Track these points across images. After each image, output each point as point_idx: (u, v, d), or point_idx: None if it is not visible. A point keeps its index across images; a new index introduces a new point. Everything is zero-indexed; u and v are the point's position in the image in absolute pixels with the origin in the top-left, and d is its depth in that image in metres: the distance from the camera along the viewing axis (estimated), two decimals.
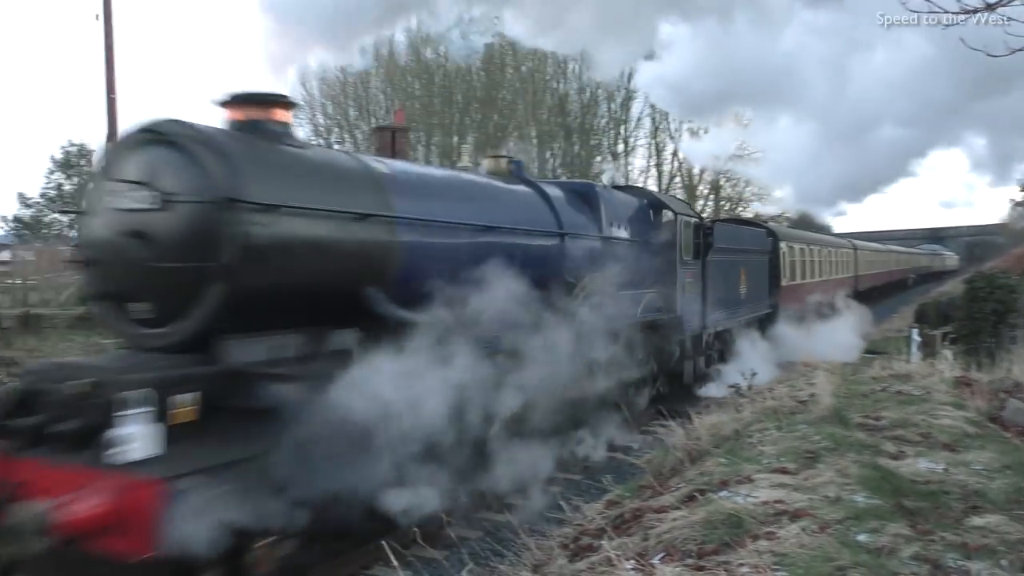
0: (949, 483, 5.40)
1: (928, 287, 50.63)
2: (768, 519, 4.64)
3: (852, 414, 7.71)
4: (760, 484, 5.44)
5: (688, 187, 44.65)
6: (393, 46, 47.67)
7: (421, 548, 6.22)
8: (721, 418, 8.38)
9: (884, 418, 7.53)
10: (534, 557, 5.69)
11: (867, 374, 10.84)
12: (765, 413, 8.21)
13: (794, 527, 4.42)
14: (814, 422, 7.34)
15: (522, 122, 43.98)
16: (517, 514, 7.44)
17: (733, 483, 5.56)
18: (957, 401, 8.25)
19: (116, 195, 6.14)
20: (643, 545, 4.73)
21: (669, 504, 5.41)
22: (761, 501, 4.99)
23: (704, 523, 4.65)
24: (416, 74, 46.57)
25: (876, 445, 6.45)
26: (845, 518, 4.59)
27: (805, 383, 10.09)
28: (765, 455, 6.38)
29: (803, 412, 7.99)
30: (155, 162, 6.04)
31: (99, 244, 6.31)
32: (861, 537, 4.31)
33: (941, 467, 5.84)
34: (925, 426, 7.15)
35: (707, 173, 45.28)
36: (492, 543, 7.68)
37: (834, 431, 6.84)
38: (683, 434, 7.95)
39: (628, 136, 45.48)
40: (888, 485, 5.25)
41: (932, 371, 10.33)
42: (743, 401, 9.65)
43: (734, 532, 4.47)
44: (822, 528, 4.41)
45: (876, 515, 4.64)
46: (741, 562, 3.99)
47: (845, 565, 3.86)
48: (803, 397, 8.86)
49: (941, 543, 4.25)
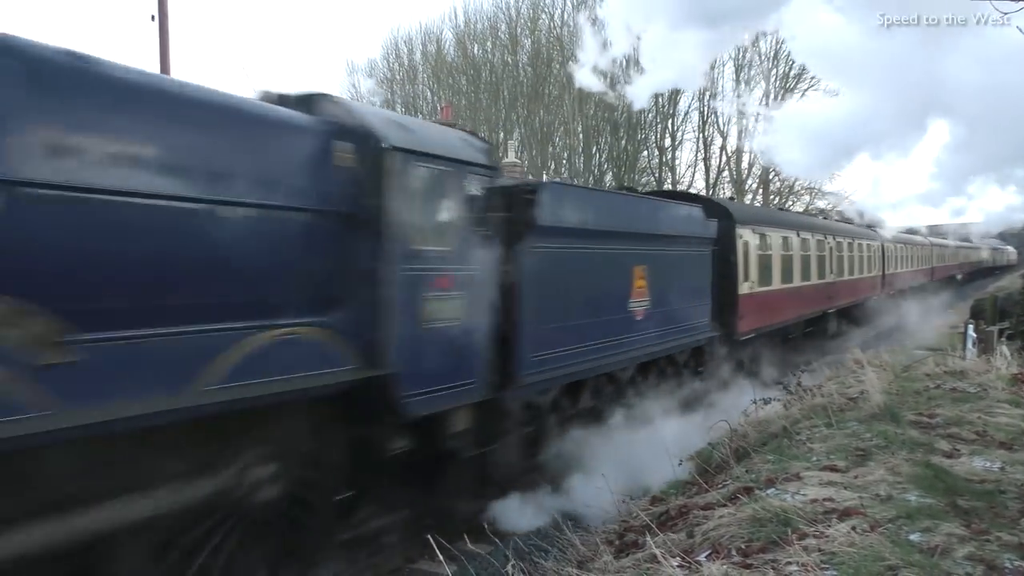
0: (1005, 482, 5.26)
1: (983, 283, 48.17)
2: (817, 517, 4.57)
3: (904, 411, 7.55)
4: (809, 482, 5.36)
5: (736, 181, 44.17)
6: (440, 43, 48.04)
7: (465, 543, 6.24)
8: (769, 415, 8.28)
9: (938, 416, 7.36)
10: (579, 553, 5.69)
11: (920, 371, 10.62)
12: (814, 410, 8.09)
13: (843, 526, 4.34)
14: (865, 419, 7.22)
15: (568, 117, 43.87)
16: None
17: (781, 481, 5.49)
18: (1014, 399, 8.04)
19: None
20: (689, 542, 4.69)
21: (715, 501, 5.36)
22: (810, 499, 4.92)
23: (751, 521, 4.60)
24: (463, 70, 46.78)
25: (929, 443, 6.31)
26: (896, 517, 4.50)
27: (855, 380, 9.92)
28: (814, 453, 6.29)
29: (853, 409, 7.86)
30: None
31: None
32: (913, 536, 4.22)
33: (997, 466, 5.70)
34: (981, 424, 6.98)
35: (755, 167, 44.81)
36: (537, 539, 7.69)
37: (886, 429, 6.72)
38: (729, 431, 7.88)
39: (676, 130, 45.15)
40: (941, 484, 5.14)
41: (988, 368, 10.08)
42: (791, 398, 9.52)
43: (781, 530, 4.41)
44: (873, 527, 4.33)
45: (929, 514, 4.54)
46: (789, 560, 3.93)
47: (896, 565, 3.78)
48: (853, 394, 8.71)
49: (996, 543, 4.14)
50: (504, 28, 46.52)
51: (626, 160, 43.01)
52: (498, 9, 46.68)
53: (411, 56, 49.34)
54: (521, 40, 45.94)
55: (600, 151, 44.23)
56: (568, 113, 43.76)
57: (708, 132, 45.05)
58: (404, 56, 49.39)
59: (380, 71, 49.94)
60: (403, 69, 49.31)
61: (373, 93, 48.62)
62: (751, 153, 44.15)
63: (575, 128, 44.50)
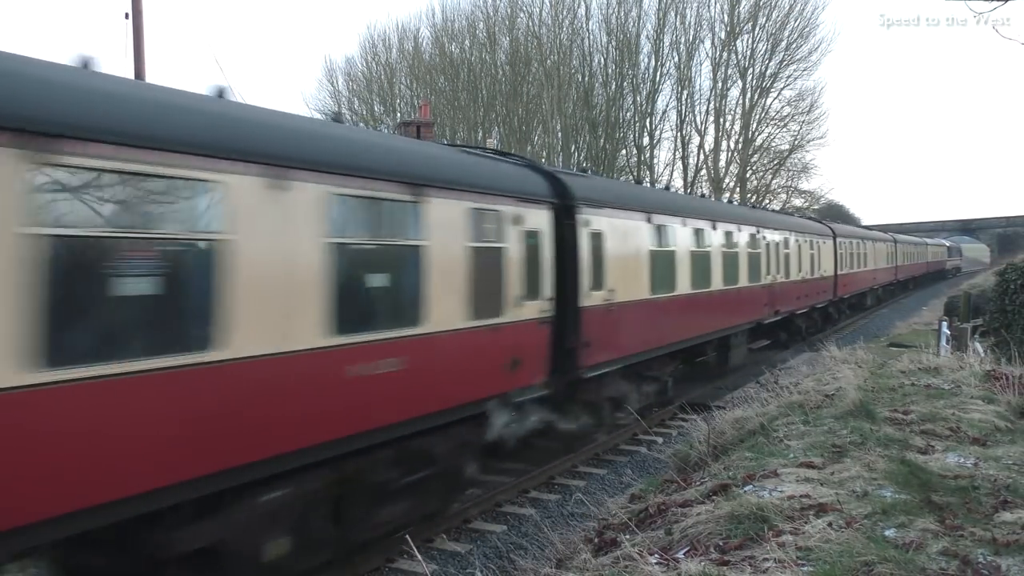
0: (979, 478, 5.32)
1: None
2: (794, 514, 4.60)
3: (880, 408, 7.62)
4: (786, 478, 5.40)
5: (714, 180, 44.41)
6: (418, 40, 47.92)
7: (444, 541, 6.22)
8: (746, 412, 8.32)
9: (912, 412, 7.43)
10: (557, 551, 5.69)
11: (895, 368, 10.70)
12: (791, 407, 8.14)
13: (820, 522, 4.37)
14: (841, 416, 7.27)
15: (547, 116, 43.93)
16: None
17: (759, 477, 5.53)
18: (988, 395, 8.13)
19: None
20: (667, 540, 4.71)
21: (693, 499, 5.38)
22: (787, 495, 4.95)
23: (729, 517, 4.62)
24: (441, 69, 46.72)
25: (904, 439, 6.37)
26: (872, 513, 4.54)
27: (831, 377, 9.99)
28: (791, 450, 6.33)
29: (829, 406, 7.92)
30: None
31: None
32: (888, 532, 4.26)
33: (971, 461, 5.76)
34: (954, 420, 7.05)
35: (733, 166, 45.12)
36: (516, 537, 7.68)
37: (861, 425, 6.77)
38: (706, 429, 7.91)
39: (654, 129, 45.33)
40: (916, 480, 5.18)
41: (962, 364, 10.18)
42: (768, 396, 9.58)
43: (759, 527, 4.43)
44: (849, 523, 4.36)
45: (904, 510, 4.58)
46: (766, 557, 3.95)
47: (872, 560, 3.81)
48: (829, 391, 8.77)
49: (970, 538, 4.18)
50: (482, 27, 46.53)
51: (604, 159, 43.11)
52: (476, 7, 46.74)
53: (388, 54, 49.21)
54: (499, 39, 45.94)
55: (579, 150, 44.31)
56: (547, 112, 43.82)
57: (686, 131, 45.34)
58: (382, 54, 49.27)
59: (358, 68, 49.78)
60: (381, 67, 49.15)
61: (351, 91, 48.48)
62: (728, 151, 44.50)
63: (554, 127, 44.57)
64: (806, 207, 46.49)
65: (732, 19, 43.83)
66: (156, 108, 5.16)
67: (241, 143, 5.54)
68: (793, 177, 47.61)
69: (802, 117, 45.48)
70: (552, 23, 44.53)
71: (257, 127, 5.92)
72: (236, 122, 5.77)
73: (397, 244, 7.01)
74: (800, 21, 43.81)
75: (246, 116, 6.02)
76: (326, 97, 49.82)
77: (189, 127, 5.23)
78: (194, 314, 5.18)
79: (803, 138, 45.54)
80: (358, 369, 6.32)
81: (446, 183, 7.64)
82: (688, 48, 44.06)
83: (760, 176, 46.70)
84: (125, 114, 4.90)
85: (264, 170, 5.59)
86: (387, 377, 6.63)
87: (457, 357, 7.75)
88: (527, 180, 9.61)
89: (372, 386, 6.48)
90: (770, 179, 46.89)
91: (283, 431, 5.72)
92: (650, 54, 43.76)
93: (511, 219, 8.71)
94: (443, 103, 45.16)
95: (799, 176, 47.60)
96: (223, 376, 5.31)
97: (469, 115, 45.62)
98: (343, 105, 47.64)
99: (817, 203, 49.43)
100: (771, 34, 43.80)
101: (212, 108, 5.70)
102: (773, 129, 45.83)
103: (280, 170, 5.70)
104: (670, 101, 45.25)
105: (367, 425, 6.50)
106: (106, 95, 4.93)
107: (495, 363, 8.42)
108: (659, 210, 12.96)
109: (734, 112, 45.36)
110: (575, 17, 44.62)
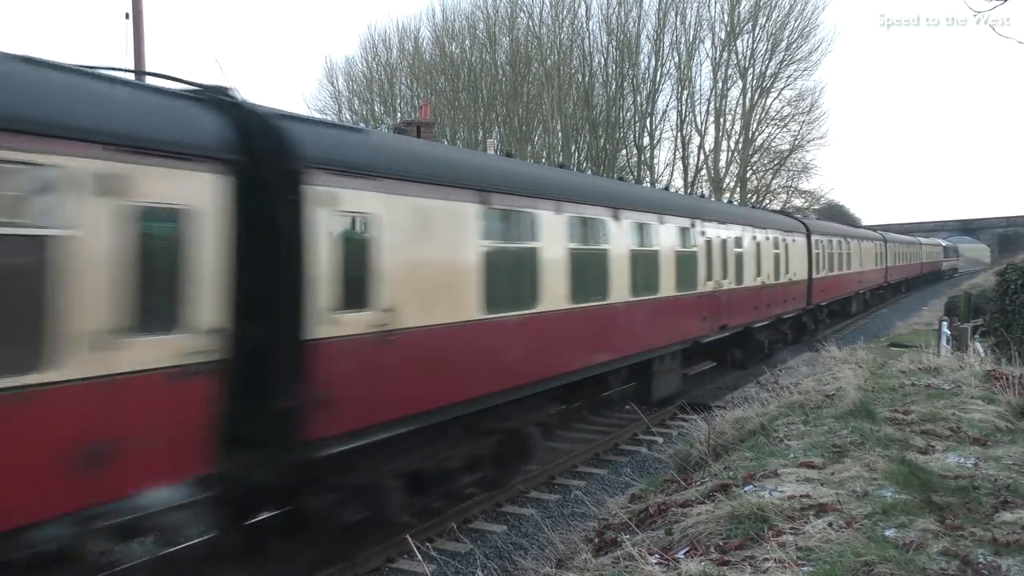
0: (979, 478, 5.32)
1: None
2: (794, 514, 4.60)
3: (880, 408, 7.62)
4: (786, 478, 5.39)
5: (714, 180, 44.42)
6: (418, 41, 47.92)
7: (445, 541, 6.22)
8: (746, 412, 8.32)
9: (912, 412, 7.43)
10: (558, 551, 5.69)
11: (895, 368, 10.70)
12: (791, 407, 8.14)
13: (820, 522, 4.37)
14: (841, 416, 7.27)
15: (547, 116, 43.94)
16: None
17: (759, 477, 5.52)
18: (988, 395, 8.12)
19: None
20: (667, 540, 4.70)
21: (693, 499, 5.38)
22: (787, 495, 4.95)
23: (729, 518, 4.62)
24: (442, 69, 46.72)
25: (904, 439, 6.37)
26: (872, 513, 4.54)
27: (831, 377, 9.99)
28: (791, 450, 6.33)
29: (829, 406, 7.92)
30: None
31: None
32: (889, 532, 4.26)
33: (971, 462, 5.76)
34: (955, 420, 7.05)
35: (733, 165, 45.13)
36: (516, 537, 7.69)
37: (861, 425, 6.77)
38: (706, 429, 7.91)
39: (654, 129, 45.34)
40: (916, 480, 5.18)
41: (962, 364, 10.18)
42: (768, 396, 9.58)
43: (759, 527, 4.43)
44: (849, 523, 4.36)
45: (904, 510, 4.58)
46: (766, 557, 3.95)
47: (872, 560, 3.81)
48: (829, 391, 8.77)
49: (971, 538, 4.18)
50: (482, 27, 46.54)
51: (605, 159, 43.12)
52: (476, 7, 46.75)
53: (389, 54, 49.23)
54: (499, 39, 45.95)
55: (579, 150, 44.32)
56: (547, 112, 43.83)
57: (686, 131, 45.34)
58: (382, 54, 49.30)
59: (358, 68, 49.80)
60: (381, 67, 49.18)
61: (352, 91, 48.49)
62: (729, 151, 44.50)
63: (554, 127, 44.57)
64: (807, 207, 46.55)
65: (732, 19, 43.90)
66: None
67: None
68: (793, 177, 47.72)
69: (802, 117, 45.60)
70: (552, 23, 44.58)
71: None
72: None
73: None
74: (800, 21, 43.91)
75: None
76: (326, 97, 49.98)
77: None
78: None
79: (803, 138, 45.63)
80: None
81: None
82: (688, 48, 44.17)
83: (760, 176, 46.76)
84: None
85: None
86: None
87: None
88: (146, 110, 5.60)
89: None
90: (770, 179, 46.95)
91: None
92: (650, 54, 43.88)
93: (83, 184, 4.92)
94: (443, 103, 45.19)
95: (799, 176, 47.71)
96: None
97: (469, 115, 45.64)
98: (343, 105, 47.74)
99: (817, 203, 49.52)
100: (771, 34, 43.90)
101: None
102: (773, 129, 45.95)
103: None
104: (670, 101, 45.34)
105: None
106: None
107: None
108: (508, 189, 9.12)
109: (734, 112, 45.47)
110: (575, 17, 44.70)
